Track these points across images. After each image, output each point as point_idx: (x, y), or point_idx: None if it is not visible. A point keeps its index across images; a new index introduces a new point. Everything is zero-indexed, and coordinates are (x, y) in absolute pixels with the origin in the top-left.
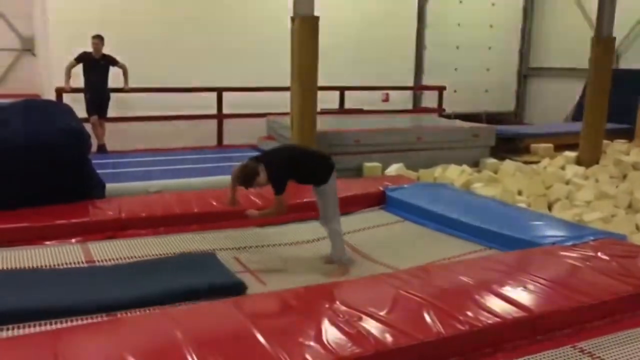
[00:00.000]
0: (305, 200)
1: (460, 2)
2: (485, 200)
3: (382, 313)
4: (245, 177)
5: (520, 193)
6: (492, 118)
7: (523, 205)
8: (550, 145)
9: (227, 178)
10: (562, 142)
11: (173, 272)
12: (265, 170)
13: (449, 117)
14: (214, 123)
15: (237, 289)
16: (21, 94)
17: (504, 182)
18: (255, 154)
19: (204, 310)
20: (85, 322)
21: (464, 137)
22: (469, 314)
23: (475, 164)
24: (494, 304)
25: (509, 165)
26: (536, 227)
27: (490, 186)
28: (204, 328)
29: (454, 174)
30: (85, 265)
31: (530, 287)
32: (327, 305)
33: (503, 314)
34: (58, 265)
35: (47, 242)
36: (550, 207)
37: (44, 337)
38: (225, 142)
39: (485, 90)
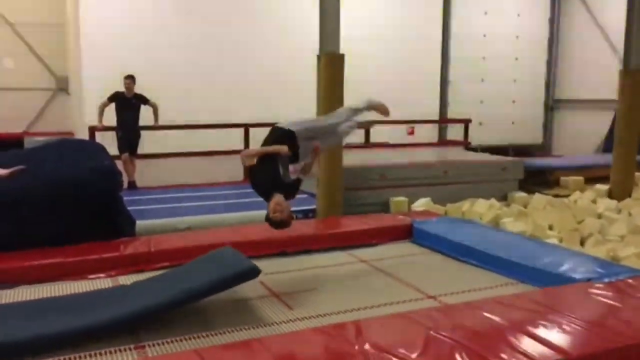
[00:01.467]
0: (329, 232)
1: (484, 35)
2: (514, 235)
3: (413, 356)
4: None
5: (551, 228)
6: (520, 150)
7: (554, 240)
8: (581, 178)
9: (252, 214)
10: (592, 175)
11: (193, 272)
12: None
13: (475, 150)
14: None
15: (252, 273)
16: (55, 131)
17: (534, 217)
18: None
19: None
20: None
21: (492, 170)
22: (504, 356)
23: (503, 198)
24: (529, 345)
25: (538, 199)
26: (569, 263)
27: (520, 221)
28: None
29: (483, 208)
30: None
31: (566, 327)
32: (356, 347)
33: (539, 357)
34: None
35: (79, 278)
36: (582, 242)
37: None
38: None
39: (512, 122)
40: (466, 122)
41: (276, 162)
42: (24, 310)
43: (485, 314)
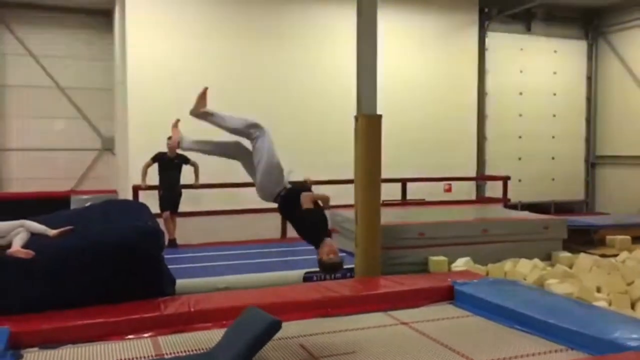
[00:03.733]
0: (368, 293)
1: (520, 94)
2: (561, 298)
3: None
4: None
5: (599, 290)
6: (561, 207)
7: (603, 303)
8: (628, 237)
9: (290, 273)
10: (639, 234)
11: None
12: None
13: (514, 207)
14: (278, 216)
15: (277, 325)
16: (100, 190)
17: (581, 278)
18: None
19: None
20: None
21: (534, 229)
22: None
23: (547, 258)
24: None
25: (584, 259)
26: (622, 328)
27: (566, 282)
28: None
29: (526, 268)
30: (155, 358)
31: None
32: None
33: None
34: (130, 359)
35: (120, 338)
36: (633, 306)
37: None
38: (289, 234)
39: (552, 179)
40: (505, 179)
41: (322, 208)
42: None
43: None
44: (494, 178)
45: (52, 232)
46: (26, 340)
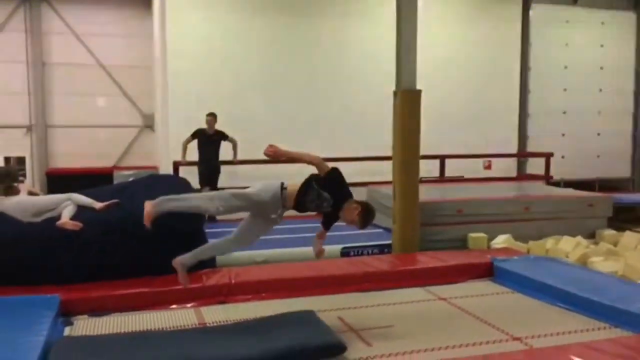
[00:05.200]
0: (406, 268)
1: (565, 67)
2: (605, 276)
3: None
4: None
5: None
6: (606, 185)
7: None
8: None
9: (327, 248)
10: None
11: (274, 331)
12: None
13: (557, 184)
14: None
15: (337, 348)
16: (141, 166)
17: (626, 256)
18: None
19: None
20: None
21: (577, 206)
22: None
23: (590, 236)
24: None
25: (629, 237)
26: None
27: (610, 260)
28: None
29: (569, 246)
30: (198, 326)
31: None
32: None
33: None
34: (175, 327)
35: (164, 308)
36: None
37: None
38: None
39: (597, 155)
40: (547, 156)
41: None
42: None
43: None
44: (536, 155)
45: (98, 205)
46: (76, 308)
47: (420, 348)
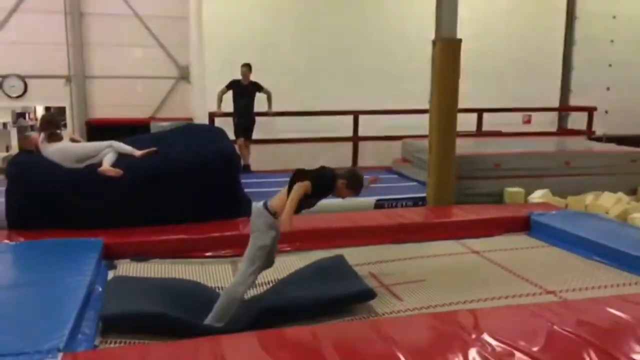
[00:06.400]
0: (440, 220)
1: (614, 17)
2: None
3: (535, 349)
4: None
5: None
6: None
7: None
8: None
9: (362, 200)
10: None
11: (314, 280)
12: None
13: (600, 139)
14: (349, 145)
15: (368, 295)
16: (177, 117)
17: None
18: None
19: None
20: None
21: (620, 162)
22: (635, 357)
23: (632, 192)
24: None
25: None
26: None
27: None
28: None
29: (609, 202)
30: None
31: None
32: (473, 336)
33: None
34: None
35: (202, 254)
36: None
37: None
38: (360, 164)
39: None
40: (590, 110)
41: None
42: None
43: (612, 311)
44: (578, 109)
45: (138, 152)
46: (118, 251)
47: (452, 301)
